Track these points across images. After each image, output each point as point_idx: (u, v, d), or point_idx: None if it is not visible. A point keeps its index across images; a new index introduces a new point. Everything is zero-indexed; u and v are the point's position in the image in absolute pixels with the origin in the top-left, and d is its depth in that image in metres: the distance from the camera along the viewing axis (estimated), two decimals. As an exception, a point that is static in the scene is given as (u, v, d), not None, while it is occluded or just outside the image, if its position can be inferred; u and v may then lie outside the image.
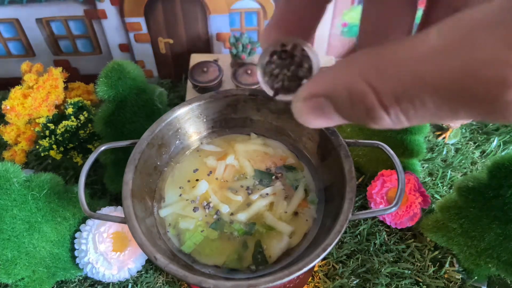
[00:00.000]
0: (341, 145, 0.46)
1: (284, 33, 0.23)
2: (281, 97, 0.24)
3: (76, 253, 0.56)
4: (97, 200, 0.65)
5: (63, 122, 0.61)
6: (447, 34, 0.15)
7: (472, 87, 0.15)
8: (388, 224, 0.62)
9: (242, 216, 0.47)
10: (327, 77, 0.19)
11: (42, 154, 0.63)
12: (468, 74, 0.14)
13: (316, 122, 0.20)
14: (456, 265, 0.59)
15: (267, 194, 0.49)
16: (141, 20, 0.75)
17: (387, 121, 0.17)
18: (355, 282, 0.57)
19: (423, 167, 0.70)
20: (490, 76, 0.14)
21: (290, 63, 0.23)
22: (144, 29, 0.77)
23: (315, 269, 0.59)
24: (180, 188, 0.50)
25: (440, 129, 0.76)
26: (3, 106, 0.61)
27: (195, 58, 0.79)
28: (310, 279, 0.58)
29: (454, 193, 0.54)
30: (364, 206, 0.66)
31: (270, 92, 0.24)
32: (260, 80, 0.24)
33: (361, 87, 0.17)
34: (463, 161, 0.71)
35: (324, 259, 0.60)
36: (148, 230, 0.44)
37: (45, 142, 0.61)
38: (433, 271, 0.59)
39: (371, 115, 0.17)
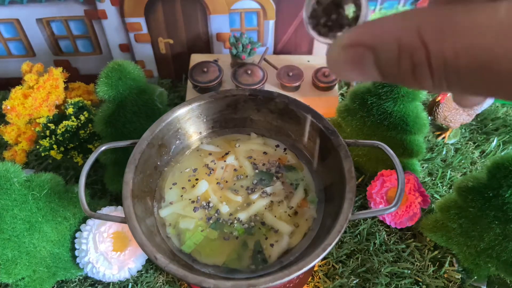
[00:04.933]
0: (341, 145, 0.46)
1: None
2: (322, 39, 0.23)
3: (76, 252, 0.57)
4: (97, 200, 0.65)
5: (64, 122, 0.61)
6: None
7: None
8: (388, 224, 0.62)
9: (242, 216, 0.47)
10: (375, 26, 0.18)
11: (43, 154, 0.63)
12: None
13: (350, 74, 0.19)
14: (456, 265, 0.59)
15: (267, 194, 0.49)
16: (141, 20, 0.76)
17: (429, 83, 0.17)
18: (355, 282, 0.57)
19: (423, 167, 0.70)
20: None
21: (339, 8, 0.22)
22: (144, 29, 0.77)
23: (315, 269, 0.59)
24: (180, 188, 0.50)
25: (439, 129, 0.76)
26: (3, 106, 0.61)
27: (195, 58, 0.79)
28: (310, 279, 0.58)
29: (453, 193, 0.54)
30: (364, 206, 0.66)
31: (312, 33, 0.23)
32: (304, 18, 0.23)
33: (415, 42, 0.16)
34: (462, 161, 0.71)
35: (324, 259, 0.60)
36: (148, 230, 0.44)
37: (45, 142, 0.61)
38: (433, 271, 0.59)
39: (416, 73, 0.17)
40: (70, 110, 0.63)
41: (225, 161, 0.52)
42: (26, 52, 0.81)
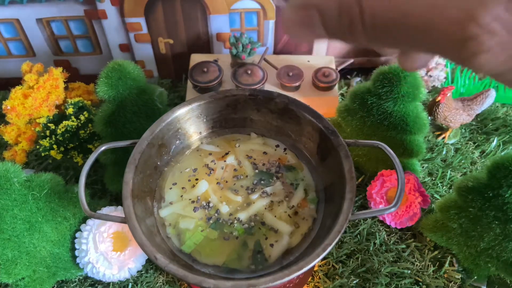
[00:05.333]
0: (341, 145, 0.46)
1: None
2: (277, 1, 0.24)
3: (76, 252, 0.57)
4: (97, 200, 0.65)
5: (64, 122, 0.61)
6: None
7: (436, 25, 0.17)
8: (388, 224, 0.62)
9: (242, 216, 0.47)
10: None
11: (43, 154, 0.63)
12: (435, 13, 0.17)
13: (302, 33, 0.21)
14: (456, 265, 0.59)
15: (267, 194, 0.49)
16: (141, 20, 0.76)
17: (363, 37, 0.19)
18: (355, 282, 0.57)
19: (423, 167, 0.70)
20: (453, 17, 0.17)
21: None
22: (144, 29, 0.77)
23: (315, 268, 0.59)
24: (180, 188, 0.50)
25: (439, 129, 0.76)
26: (3, 106, 0.61)
27: (195, 58, 0.79)
28: (310, 279, 0.58)
29: (453, 193, 0.54)
30: (364, 206, 0.66)
31: None
32: None
33: (351, 1, 0.19)
34: (462, 161, 0.71)
35: (324, 258, 0.60)
36: (148, 230, 0.44)
37: (45, 142, 0.61)
38: (433, 271, 0.59)
39: (352, 28, 0.19)
40: (70, 110, 0.63)
41: (225, 161, 0.52)
42: (26, 52, 0.81)
